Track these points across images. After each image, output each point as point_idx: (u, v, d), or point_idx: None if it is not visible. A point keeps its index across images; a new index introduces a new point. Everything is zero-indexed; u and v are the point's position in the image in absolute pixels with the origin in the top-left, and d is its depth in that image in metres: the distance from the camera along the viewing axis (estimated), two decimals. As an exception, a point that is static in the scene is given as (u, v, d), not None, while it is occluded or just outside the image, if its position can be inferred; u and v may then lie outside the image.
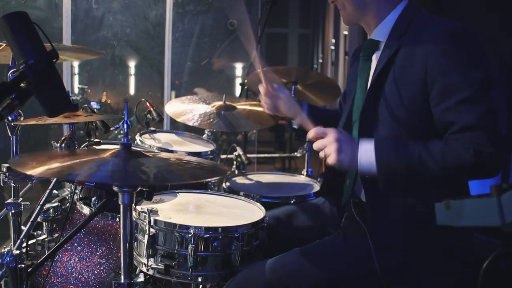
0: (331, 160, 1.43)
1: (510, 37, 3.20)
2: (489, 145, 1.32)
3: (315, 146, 1.49)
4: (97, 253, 1.96)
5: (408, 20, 1.52)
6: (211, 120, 2.39)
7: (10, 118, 1.91)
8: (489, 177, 1.38)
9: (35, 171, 1.24)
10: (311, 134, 1.50)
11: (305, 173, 2.75)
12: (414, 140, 1.42)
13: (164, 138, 2.55)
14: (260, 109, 2.66)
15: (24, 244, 1.89)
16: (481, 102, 1.35)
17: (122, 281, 1.42)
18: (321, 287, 1.50)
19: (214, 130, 2.75)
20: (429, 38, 1.43)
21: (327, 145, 1.45)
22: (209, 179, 2.47)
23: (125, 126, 1.46)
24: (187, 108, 2.46)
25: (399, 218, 1.50)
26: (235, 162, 2.74)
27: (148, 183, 1.44)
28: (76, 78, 4.95)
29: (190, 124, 2.36)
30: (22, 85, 1.14)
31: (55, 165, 1.28)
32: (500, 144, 1.34)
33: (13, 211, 1.96)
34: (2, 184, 1.95)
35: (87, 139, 2.31)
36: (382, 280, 1.46)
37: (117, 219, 1.99)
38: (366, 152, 1.42)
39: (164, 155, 1.60)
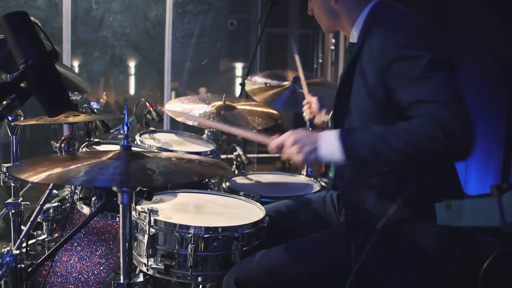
0: (298, 161, 1.46)
1: (509, 36, 3.20)
2: (448, 118, 1.29)
3: (283, 157, 1.52)
4: (97, 253, 1.96)
5: (373, 16, 1.56)
6: (211, 120, 2.39)
7: (10, 118, 1.91)
8: (460, 156, 1.33)
9: (36, 177, 1.25)
10: (272, 149, 1.54)
11: (305, 173, 2.75)
12: None
13: (164, 138, 2.55)
14: (259, 109, 2.67)
15: (24, 244, 1.90)
16: (433, 78, 1.35)
17: (122, 281, 1.42)
18: (315, 276, 1.53)
19: (214, 130, 2.76)
20: (383, 29, 1.46)
21: (289, 151, 1.48)
22: (210, 178, 2.47)
23: (125, 128, 1.46)
24: (186, 108, 2.46)
25: (370, 212, 1.52)
26: (235, 162, 2.74)
27: (151, 185, 1.44)
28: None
29: (190, 124, 2.37)
30: (22, 85, 1.14)
31: (56, 170, 1.29)
32: (461, 117, 1.30)
33: (13, 211, 1.96)
34: (2, 184, 1.95)
35: (87, 139, 2.31)
36: (358, 276, 1.47)
37: (117, 219, 1.98)
38: (326, 142, 1.42)
39: (164, 155, 1.60)
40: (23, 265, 1.45)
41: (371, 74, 1.48)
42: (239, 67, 6.00)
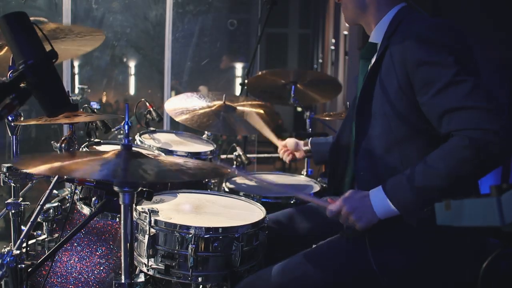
0: (357, 228, 1.48)
1: (507, 36, 3.20)
2: (482, 125, 1.30)
3: (341, 221, 1.53)
4: (97, 253, 1.96)
5: (399, 21, 1.56)
6: (210, 122, 2.39)
7: (10, 118, 1.91)
8: (501, 160, 1.34)
9: (37, 169, 1.25)
10: (330, 215, 1.54)
11: (305, 173, 2.75)
12: (403, 149, 1.48)
13: (164, 138, 2.55)
14: (259, 110, 2.66)
15: (24, 244, 1.90)
16: (461, 83, 1.35)
17: (123, 281, 1.42)
18: None
19: (211, 134, 2.75)
20: (409, 35, 1.46)
21: (346, 217, 1.49)
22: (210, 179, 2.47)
23: (126, 127, 1.46)
24: (186, 107, 2.46)
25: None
26: (235, 162, 2.74)
27: (149, 181, 1.45)
28: (76, 78, 4.94)
29: (189, 124, 2.36)
30: (21, 85, 1.14)
31: (56, 164, 1.29)
32: (497, 119, 1.30)
33: (13, 211, 1.96)
34: (2, 184, 1.95)
35: (87, 139, 2.31)
36: (380, 280, 1.47)
37: (117, 219, 1.99)
38: (380, 203, 1.45)
39: (166, 161, 1.60)
40: (23, 265, 1.45)
41: (394, 78, 1.48)
42: (239, 67, 6.01)
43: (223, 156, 3.18)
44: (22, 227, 1.98)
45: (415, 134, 1.49)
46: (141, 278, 1.50)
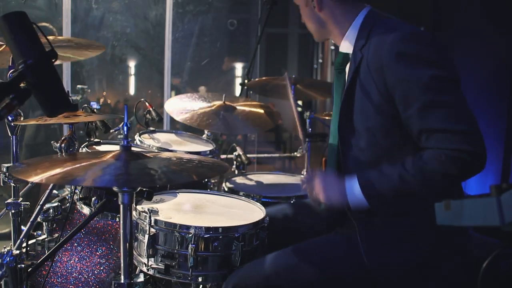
0: (322, 199, 1.53)
1: (508, 37, 3.20)
2: (460, 147, 1.34)
3: (309, 195, 1.58)
4: (97, 253, 1.96)
5: (369, 29, 1.52)
6: (210, 121, 2.39)
7: (10, 118, 1.91)
8: (472, 175, 1.40)
9: (37, 178, 1.25)
10: (302, 183, 1.61)
11: (305, 173, 2.75)
12: (392, 158, 1.47)
13: (164, 138, 2.55)
14: (259, 111, 2.66)
15: (24, 244, 1.90)
16: (440, 105, 1.36)
17: (122, 281, 1.42)
18: (316, 282, 1.51)
19: (211, 134, 2.75)
20: (385, 47, 1.44)
21: (317, 193, 1.54)
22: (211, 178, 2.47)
23: (125, 128, 1.45)
24: (186, 107, 2.46)
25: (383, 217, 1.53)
26: (235, 162, 2.74)
27: (153, 185, 1.45)
28: (76, 78, 4.94)
29: (188, 123, 2.36)
30: (21, 85, 1.14)
31: (57, 170, 1.29)
32: (472, 141, 1.34)
33: (13, 211, 1.96)
34: (2, 184, 1.95)
35: (87, 139, 2.30)
36: (371, 275, 1.48)
37: (117, 219, 1.98)
38: (353, 191, 1.48)
39: (164, 155, 1.60)
40: (23, 265, 1.45)
41: (374, 91, 1.47)
42: (239, 67, 6.01)
43: (223, 156, 3.18)
44: (22, 227, 1.98)
45: (402, 143, 1.49)
46: (141, 278, 1.50)
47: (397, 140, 1.49)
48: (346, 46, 1.59)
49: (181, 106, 2.55)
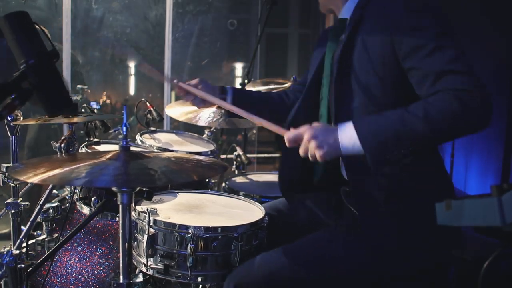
0: (318, 157, 1.40)
1: (507, 37, 3.20)
2: (467, 87, 1.32)
3: (301, 152, 1.44)
4: (97, 253, 1.96)
5: None
6: (212, 117, 2.39)
7: (9, 118, 1.91)
8: (481, 126, 1.35)
9: (36, 178, 1.25)
10: (288, 143, 1.46)
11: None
12: (389, 109, 1.41)
13: (164, 138, 2.55)
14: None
15: (24, 244, 1.90)
16: (448, 48, 1.37)
17: (121, 281, 1.42)
18: (318, 279, 1.52)
19: (214, 130, 2.76)
20: (392, 4, 1.46)
21: (307, 147, 1.42)
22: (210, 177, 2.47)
23: (124, 129, 1.45)
24: (188, 110, 2.46)
25: (379, 187, 1.51)
26: (235, 162, 2.74)
27: (152, 185, 1.45)
28: (76, 78, 4.94)
29: (193, 122, 2.36)
30: (22, 85, 1.14)
31: (56, 171, 1.29)
32: (479, 84, 1.33)
33: (12, 211, 1.96)
34: (2, 184, 1.95)
35: (87, 139, 2.31)
36: (376, 268, 1.48)
37: (117, 219, 1.98)
38: (346, 134, 1.39)
39: (164, 155, 1.60)
40: (23, 265, 1.45)
41: (377, 46, 1.47)
42: (239, 67, 6.00)
43: (223, 156, 3.18)
44: (22, 227, 1.98)
45: (398, 105, 1.42)
46: (140, 278, 1.50)
47: (392, 101, 1.46)
48: (347, 10, 1.60)
49: (182, 110, 2.55)
